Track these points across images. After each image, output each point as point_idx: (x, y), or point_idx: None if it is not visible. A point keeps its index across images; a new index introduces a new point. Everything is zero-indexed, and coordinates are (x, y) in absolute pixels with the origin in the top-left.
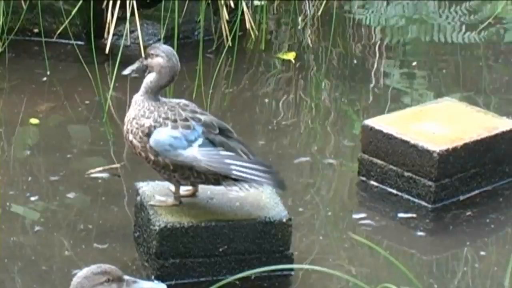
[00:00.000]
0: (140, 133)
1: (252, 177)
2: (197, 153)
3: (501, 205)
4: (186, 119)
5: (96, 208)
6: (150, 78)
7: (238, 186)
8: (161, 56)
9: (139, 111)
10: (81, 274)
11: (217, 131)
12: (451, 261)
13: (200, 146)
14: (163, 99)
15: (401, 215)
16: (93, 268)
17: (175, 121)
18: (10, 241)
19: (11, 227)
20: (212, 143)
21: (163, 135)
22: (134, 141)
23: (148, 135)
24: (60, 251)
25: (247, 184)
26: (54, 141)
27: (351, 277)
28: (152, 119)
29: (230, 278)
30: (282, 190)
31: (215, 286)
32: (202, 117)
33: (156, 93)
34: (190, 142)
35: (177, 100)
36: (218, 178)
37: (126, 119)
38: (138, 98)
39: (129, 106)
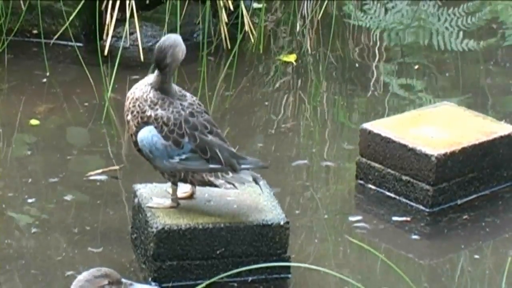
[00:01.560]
0: (139, 119)
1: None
2: (176, 164)
3: (499, 209)
4: (182, 135)
5: (93, 210)
6: (173, 65)
7: (230, 183)
8: (173, 45)
9: (145, 94)
10: (82, 277)
11: (208, 156)
12: (447, 265)
13: (182, 160)
14: (177, 88)
15: (398, 218)
16: (94, 271)
17: (171, 131)
18: (5, 243)
19: (7, 228)
20: (197, 155)
21: (148, 138)
22: (131, 123)
23: (146, 124)
24: (57, 253)
25: (236, 180)
26: (53, 143)
27: (348, 279)
28: (155, 114)
29: (223, 275)
30: (265, 168)
31: (209, 281)
32: (199, 139)
33: (172, 73)
34: (171, 156)
35: (189, 96)
36: (206, 180)
37: (129, 94)
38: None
39: None
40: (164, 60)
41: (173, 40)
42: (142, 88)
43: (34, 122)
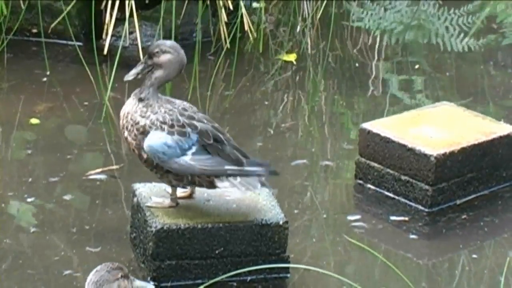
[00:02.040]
0: (135, 131)
1: (245, 173)
2: (190, 161)
3: (498, 209)
4: (183, 125)
5: (93, 209)
6: (156, 74)
7: (235, 187)
8: (169, 51)
9: (134, 106)
10: (100, 268)
11: (211, 141)
12: (446, 265)
13: (193, 154)
14: (163, 97)
15: (397, 218)
16: (110, 264)
17: (172, 126)
18: (4, 242)
19: (6, 228)
20: (206, 150)
21: (157, 142)
22: (129, 138)
23: (143, 133)
24: (56, 252)
25: (243, 185)
26: (53, 142)
27: (346, 280)
28: (149, 120)
29: (224, 276)
30: (275, 175)
31: (209, 282)
32: (199, 125)
33: (159, 88)
34: (184, 151)
35: (178, 101)
36: (213, 181)
37: (121, 113)
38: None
39: None
40: (155, 47)
41: (175, 48)
42: (131, 102)
43: (34, 121)
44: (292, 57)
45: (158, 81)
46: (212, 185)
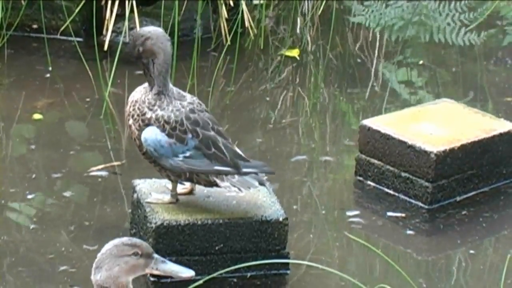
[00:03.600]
0: (140, 122)
1: (236, 172)
2: (180, 161)
3: (498, 206)
4: (185, 131)
5: (93, 206)
6: (156, 62)
7: (235, 186)
8: (147, 37)
9: (143, 95)
10: (112, 242)
11: (212, 150)
12: (445, 261)
13: (186, 157)
14: (175, 90)
15: (395, 214)
16: (125, 239)
17: (173, 129)
18: (1, 239)
19: (6, 224)
20: (203, 155)
21: (152, 137)
22: (133, 127)
23: (148, 126)
24: (55, 249)
25: (242, 184)
26: (55, 138)
27: (345, 275)
28: (155, 115)
29: (222, 271)
30: (271, 174)
31: (209, 277)
32: (202, 133)
33: (166, 72)
34: (176, 154)
35: (189, 96)
36: (211, 180)
37: (130, 99)
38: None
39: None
40: (134, 48)
41: (148, 31)
42: (141, 91)
43: (37, 116)
44: (295, 53)
45: (162, 66)
46: (210, 184)
